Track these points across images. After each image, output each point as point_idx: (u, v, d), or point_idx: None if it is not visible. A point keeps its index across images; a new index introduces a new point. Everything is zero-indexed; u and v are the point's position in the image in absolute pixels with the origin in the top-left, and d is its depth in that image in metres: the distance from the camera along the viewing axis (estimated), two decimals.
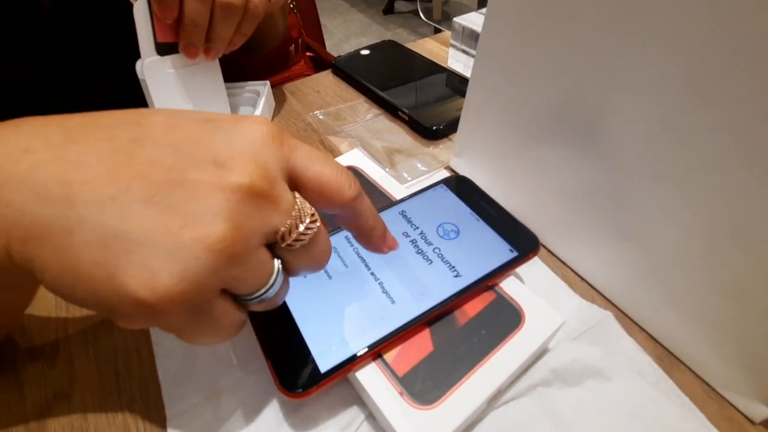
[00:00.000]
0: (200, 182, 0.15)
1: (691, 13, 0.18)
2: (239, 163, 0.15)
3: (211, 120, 0.17)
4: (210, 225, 0.14)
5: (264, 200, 0.16)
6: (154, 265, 0.14)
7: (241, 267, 0.15)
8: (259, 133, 0.16)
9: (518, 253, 0.25)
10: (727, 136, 0.18)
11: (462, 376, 0.20)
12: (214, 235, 0.14)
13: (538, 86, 0.26)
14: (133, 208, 0.14)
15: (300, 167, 0.17)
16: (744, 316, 0.21)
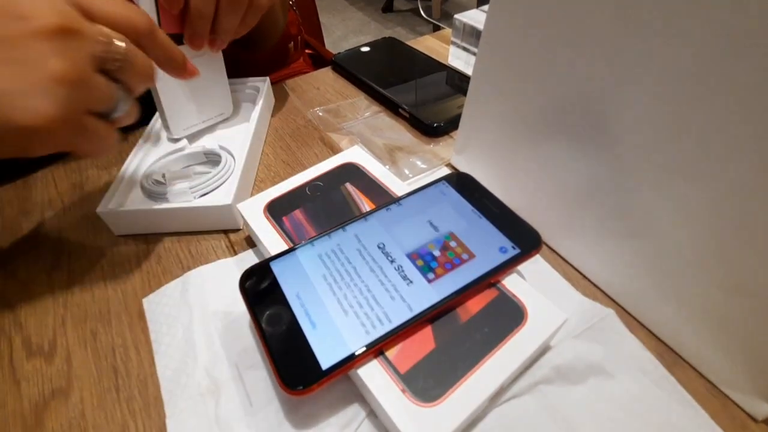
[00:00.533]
0: (17, 35, 0.19)
1: (699, 6, 0.18)
2: (39, 10, 0.19)
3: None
4: (48, 64, 0.19)
5: (74, 33, 0.20)
6: (31, 104, 0.19)
7: (88, 89, 0.21)
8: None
9: (520, 250, 0.25)
10: (736, 132, 0.18)
11: (464, 373, 0.20)
12: (57, 70, 0.19)
13: (541, 82, 0.26)
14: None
15: (86, 4, 0.21)
16: (748, 313, 0.20)
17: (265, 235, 0.27)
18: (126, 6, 0.23)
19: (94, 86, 0.21)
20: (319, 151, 0.39)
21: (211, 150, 0.35)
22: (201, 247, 0.31)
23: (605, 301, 0.27)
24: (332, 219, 0.28)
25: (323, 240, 0.25)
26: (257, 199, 0.30)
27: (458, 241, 0.25)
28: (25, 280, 0.29)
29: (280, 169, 0.37)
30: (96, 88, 0.21)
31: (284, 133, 0.41)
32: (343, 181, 0.31)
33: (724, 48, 0.17)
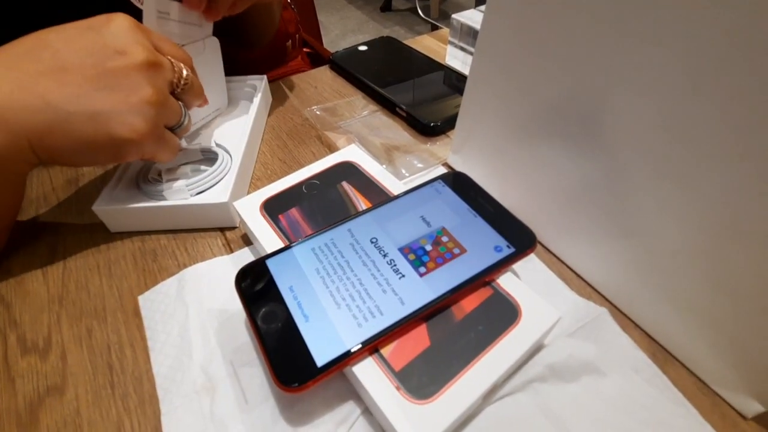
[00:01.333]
0: (119, 67, 0.25)
1: (691, 10, 0.18)
2: (132, 48, 0.25)
3: (92, 27, 0.25)
4: (142, 90, 0.25)
5: (158, 66, 0.26)
6: (129, 121, 0.25)
7: (167, 109, 0.27)
8: (128, 25, 0.26)
9: (515, 249, 0.25)
10: (726, 134, 0.18)
11: (458, 371, 0.20)
12: (148, 95, 0.25)
13: (536, 83, 0.26)
14: (94, 96, 0.24)
15: (156, 43, 0.27)
16: (737, 313, 0.21)
17: (262, 233, 0.27)
18: (176, 44, 0.29)
19: (170, 106, 0.27)
20: (316, 149, 0.39)
21: (208, 148, 0.35)
22: (197, 244, 0.31)
23: (599, 300, 0.27)
24: (328, 217, 0.28)
25: (318, 237, 0.25)
26: (253, 197, 0.30)
27: (450, 236, 0.25)
28: (20, 277, 0.29)
29: (276, 168, 0.37)
30: (171, 107, 0.28)
31: (281, 132, 0.41)
32: (339, 179, 0.31)
33: (713, 57, 0.18)
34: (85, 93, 0.24)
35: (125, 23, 0.26)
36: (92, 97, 0.24)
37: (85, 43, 0.24)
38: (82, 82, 0.24)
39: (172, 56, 0.28)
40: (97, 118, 0.24)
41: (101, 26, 0.25)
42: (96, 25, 0.25)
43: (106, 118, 0.24)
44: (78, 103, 0.24)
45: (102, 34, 0.25)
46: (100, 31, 0.25)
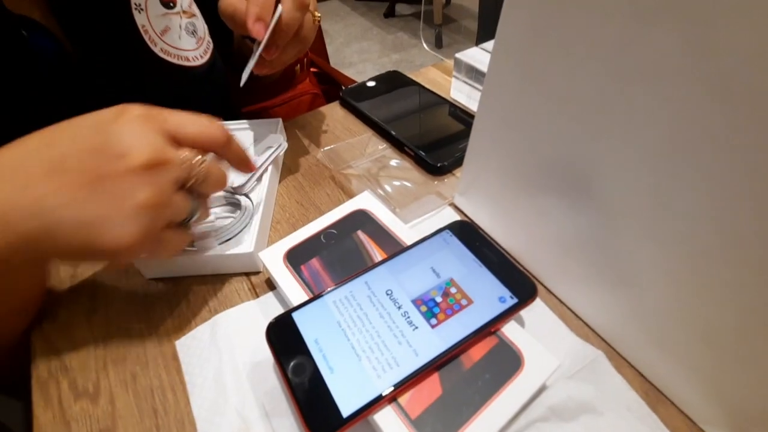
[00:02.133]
0: (116, 172, 0.23)
1: (671, 93, 0.20)
2: (135, 149, 0.24)
3: (100, 124, 0.25)
4: (136, 195, 0.24)
5: (161, 165, 0.24)
6: (117, 231, 0.23)
7: (169, 209, 0.25)
8: (137, 119, 0.25)
9: (518, 299, 0.27)
10: (704, 201, 0.21)
11: (468, 418, 0.23)
12: (142, 201, 0.24)
13: (535, 142, 0.28)
14: (86, 203, 0.23)
15: (174, 130, 0.26)
16: (720, 362, 0.23)
17: (286, 284, 0.30)
18: (206, 124, 0.27)
19: (173, 205, 0.26)
20: (330, 191, 0.41)
21: (230, 195, 0.38)
22: (225, 289, 0.34)
23: (596, 340, 0.29)
24: (346, 267, 0.31)
25: (338, 290, 0.28)
26: (276, 247, 0.32)
27: (458, 287, 0.28)
28: (65, 324, 0.32)
29: (294, 210, 0.40)
30: (175, 206, 0.26)
31: (297, 173, 0.44)
32: (355, 228, 0.33)
33: (695, 134, 0.20)
34: (79, 199, 0.23)
35: (134, 118, 0.25)
36: (84, 204, 0.23)
37: (90, 144, 0.24)
38: (78, 187, 0.23)
39: (194, 142, 0.27)
40: (87, 227, 0.23)
41: (109, 123, 0.24)
42: (104, 122, 0.25)
43: (95, 226, 0.23)
44: (69, 209, 0.23)
45: (108, 133, 0.24)
46: (107, 129, 0.24)
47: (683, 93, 0.19)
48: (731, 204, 0.20)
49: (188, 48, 0.44)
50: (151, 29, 0.41)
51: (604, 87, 0.22)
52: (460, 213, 0.38)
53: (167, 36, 0.42)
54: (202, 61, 0.45)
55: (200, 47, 0.46)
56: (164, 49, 0.42)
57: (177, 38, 0.43)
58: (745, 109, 0.18)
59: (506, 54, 0.27)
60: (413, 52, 2.13)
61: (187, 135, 0.26)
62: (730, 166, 0.19)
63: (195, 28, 0.45)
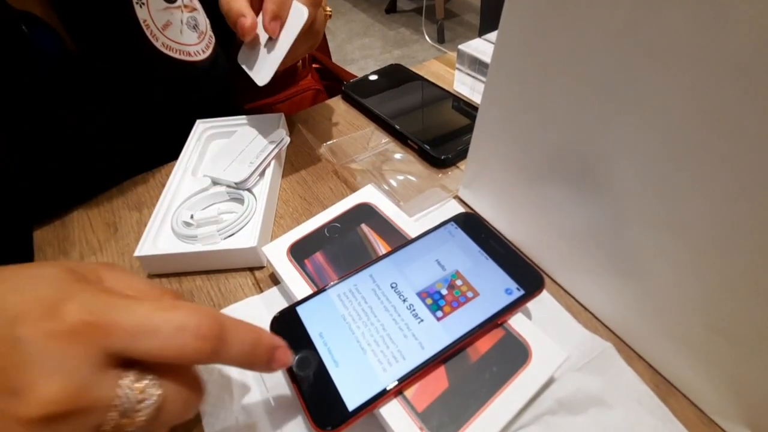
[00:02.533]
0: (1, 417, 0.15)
1: (677, 83, 0.20)
2: (35, 388, 0.15)
3: (17, 322, 0.16)
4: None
5: (69, 416, 0.15)
6: None
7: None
8: (64, 334, 0.16)
9: (525, 291, 0.27)
10: (710, 191, 0.20)
11: (475, 411, 0.23)
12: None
13: (540, 133, 0.28)
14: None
15: (123, 350, 0.16)
16: (731, 352, 0.23)
17: (290, 278, 0.30)
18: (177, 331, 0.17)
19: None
20: (333, 185, 0.41)
21: (234, 190, 0.37)
22: (229, 284, 0.34)
23: (605, 332, 0.29)
24: (351, 260, 0.30)
25: (342, 283, 0.28)
26: (280, 242, 0.32)
27: (463, 279, 0.28)
28: None
29: (297, 205, 0.39)
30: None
31: (300, 167, 0.43)
32: (359, 222, 0.33)
33: (710, 115, 0.19)
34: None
35: (64, 328, 0.16)
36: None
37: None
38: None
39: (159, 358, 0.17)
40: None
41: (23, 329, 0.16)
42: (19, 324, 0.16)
43: None
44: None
45: (17, 347, 0.15)
46: (19, 340, 0.15)
47: (697, 75, 0.19)
48: (747, 190, 0.19)
49: (190, 43, 0.44)
50: (152, 24, 0.41)
51: (615, 71, 0.22)
52: (464, 206, 0.38)
53: (169, 31, 0.42)
54: (204, 56, 0.45)
55: (202, 42, 0.45)
56: (166, 44, 0.42)
57: (178, 33, 0.43)
58: (762, 91, 0.17)
59: (511, 41, 0.27)
60: (415, 48, 2.12)
61: (144, 353, 0.17)
62: (746, 150, 0.19)
63: (197, 23, 0.45)
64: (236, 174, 0.37)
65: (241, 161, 0.38)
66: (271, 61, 0.36)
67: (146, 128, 0.45)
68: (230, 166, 0.38)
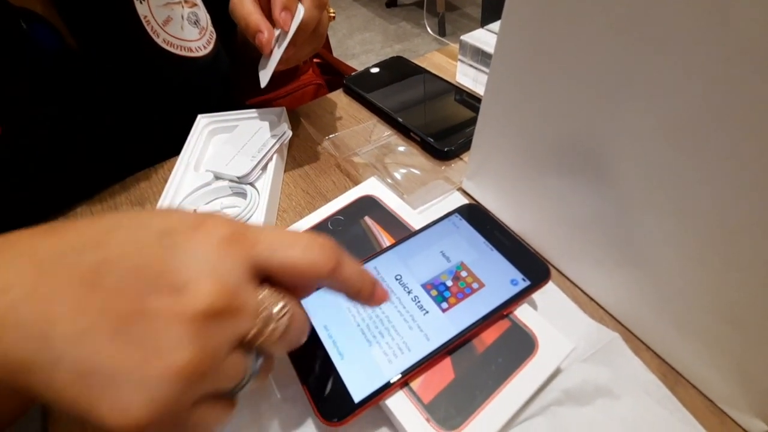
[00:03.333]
0: (159, 312, 0.15)
1: (684, 68, 0.19)
2: (196, 286, 0.16)
3: (168, 233, 0.17)
4: (174, 354, 0.15)
5: (226, 315, 0.16)
6: (124, 398, 0.15)
7: (213, 378, 0.16)
8: (214, 243, 0.17)
9: (530, 282, 0.27)
10: (718, 177, 0.20)
11: (482, 402, 0.22)
12: (179, 363, 0.15)
13: (545, 122, 0.27)
14: (102, 343, 0.15)
15: (263, 260, 0.18)
16: (741, 341, 0.22)
17: None
18: (309, 245, 0.19)
19: (222, 373, 0.17)
20: (336, 178, 0.41)
21: (236, 184, 0.37)
22: None
23: (611, 322, 0.29)
24: (354, 254, 0.30)
25: None
26: None
27: (468, 270, 0.27)
28: None
29: (300, 199, 0.39)
30: (223, 374, 0.17)
31: (302, 161, 0.43)
32: (362, 214, 0.33)
33: (702, 110, 0.19)
34: (93, 335, 0.15)
35: (212, 240, 0.17)
36: (96, 345, 0.15)
37: (144, 260, 0.16)
38: (100, 319, 0.15)
39: (289, 273, 0.18)
40: (87, 379, 0.15)
41: (178, 237, 0.17)
42: (174, 232, 0.17)
43: (99, 383, 0.15)
44: (74, 346, 0.15)
45: (172, 252, 0.17)
46: (172, 247, 0.17)
47: (705, 61, 0.18)
48: (755, 177, 0.19)
49: (191, 38, 0.44)
50: (153, 20, 0.40)
51: (620, 59, 0.22)
52: (468, 197, 0.37)
53: (169, 26, 0.42)
54: (206, 51, 0.45)
55: (203, 37, 0.45)
56: (167, 40, 0.41)
57: (179, 28, 0.43)
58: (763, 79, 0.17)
59: (514, 30, 0.27)
60: (416, 42, 2.11)
61: (281, 264, 0.18)
62: (753, 137, 0.18)
63: (197, 18, 0.45)
64: (239, 168, 0.37)
65: (244, 156, 0.38)
66: (270, 62, 0.36)
67: (148, 124, 0.45)
68: (232, 160, 0.38)
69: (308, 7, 0.34)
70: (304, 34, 0.34)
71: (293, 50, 0.35)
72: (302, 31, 0.34)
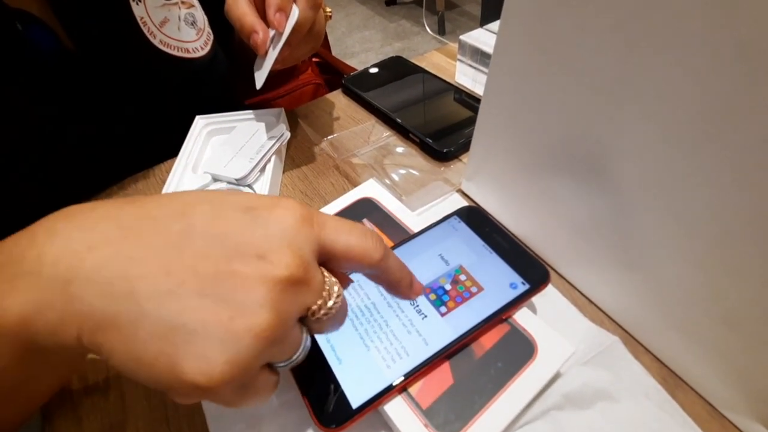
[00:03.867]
0: (245, 275, 0.17)
1: (686, 71, 0.19)
2: (278, 255, 0.17)
3: (250, 208, 0.18)
4: (257, 315, 0.16)
5: (300, 286, 0.18)
6: (209, 354, 0.16)
7: (281, 345, 0.18)
8: (292, 220, 0.18)
9: (530, 285, 0.26)
10: (718, 180, 0.20)
11: (481, 408, 0.22)
12: (262, 324, 0.16)
13: (546, 121, 0.27)
14: (189, 301, 0.16)
15: (329, 242, 0.19)
16: (741, 345, 0.22)
17: None
18: (364, 233, 0.21)
19: (287, 340, 0.18)
20: (335, 180, 0.41)
21: (234, 186, 0.37)
22: None
23: (611, 326, 0.28)
24: None
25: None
26: None
27: (467, 274, 0.27)
28: None
29: (299, 200, 0.39)
30: (288, 343, 0.19)
31: (300, 162, 0.43)
32: (360, 217, 0.33)
33: (706, 110, 0.19)
34: (179, 293, 0.16)
35: (291, 217, 0.18)
36: (182, 302, 0.16)
37: (229, 228, 0.18)
38: (187, 277, 0.16)
39: (347, 256, 0.20)
40: (171, 336, 0.16)
41: (260, 212, 0.18)
42: (256, 207, 0.19)
43: (182, 340, 0.16)
44: (160, 303, 0.16)
45: (255, 224, 0.18)
46: (255, 219, 0.18)
47: (707, 62, 0.18)
48: (756, 179, 0.18)
49: (188, 39, 0.43)
50: (149, 21, 0.40)
51: (620, 60, 0.21)
52: (467, 199, 0.37)
53: (166, 27, 0.41)
54: (203, 52, 0.45)
55: (200, 38, 0.45)
56: (164, 41, 0.41)
57: (176, 29, 0.42)
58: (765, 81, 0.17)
59: (513, 30, 0.26)
60: (416, 40, 2.10)
61: (342, 248, 0.20)
62: (755, 138, 0.18)
63: (194, 19, 0.44)
64: (237, 170, 0.37)
65: (242, 157, 0.38)
66: (265, 63, 0.36)
67: (145, 125, 0.45)
68: (230, 162, 0.38)
69: (303, 7, 0.33)
70: (299, 34, 0.34)
71: (289, 51, 0.35)
72: (297, 32, 0.34)
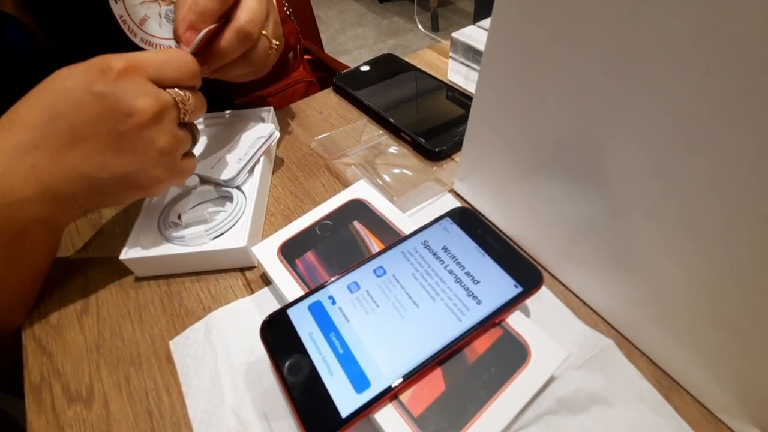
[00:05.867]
0: (131, 129, 0.26)
1: (680, 69, 0.19)
2: (138, 106, 0.26)
3: (90, 87, 0.25)
4: (156, 142, 0.27)
5: (163, 112, 0.27)
6: (152, 175, 0.29)
7: (180, 144, 0.29)
8: (125, 76, 0.26)
9: (523, 288, 0.26)
10: (714, 182, 0.19)
11: (474, 414, 0.22)
12: (162, 145, 0.27)
13: (537, 123, 0.27)
14: (117, 160, 0.27)
15: (156, 76, 0.27)
16: (736, 347, 0.22)
17: (281, 279, 0.29)
18: (178, 57, 0.29)
19: (182, 140, 0.29)
20: (325, 180, 0.40)
21: (222, 187, 0.36)
22: (219, 286, 0.33)
23: (605, 327, 0.28)
24: (343, 259, 0.29)
25: (332, 284, 0.27)
26: (270, 241, 0.31)
27: (459, 277, 0.27)
28: (57, 325, 0.31)
29: (289, 202, 0.38)
30: (183, 140, 0.29)
31: (290, 163, 0.42)
32: (351, 219, 0.32)
33: (700, 110, 0.18)
34: (109, 160, 0.26)
35: (121, 75, 0.26)
36: (116, 163, 0.27)
37: (94, 110, 0.25)
38: (103, 150, 0.26)
39: (176, 81, 0.28)
40: (127, 179, 0.28)
41: (101, 85, 0.25)
42: (94, 85, 0.25)
43: (134, 177, 0.28)
44: (106, 170, 0.26)
45: (105, 97, 0.25)
46: (103, 94, 0.25)
47: (697, 64, 0.18)
48: (746, 182, 0.18)
49: (170, 36, 0.42)
50: (129, 19, 0.39)
51: (615, 57, 0.21)
52: (460, 199, 0.37)
53: (147, 25, 0.40)
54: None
55: None
56: (145, 39, 0.40)
57: (157, 27, 0.41)
58: (761, 81, 0.16)
59: (505, 27, 0.26)
60: (409, 37, 2.09)
61: (168, 76, 0.28)
62: (745, 141, 0.18)
63: None
64: (225, 171, 0.36)
65: (230, 158, 0.37)
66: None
67: None
68: (218, 163, 0.37)
69: (227, 38, 0.31)
70: (218, 62, 0.32)
71: (207, 72, 0.32)
72: (216, 59, 0.32)
